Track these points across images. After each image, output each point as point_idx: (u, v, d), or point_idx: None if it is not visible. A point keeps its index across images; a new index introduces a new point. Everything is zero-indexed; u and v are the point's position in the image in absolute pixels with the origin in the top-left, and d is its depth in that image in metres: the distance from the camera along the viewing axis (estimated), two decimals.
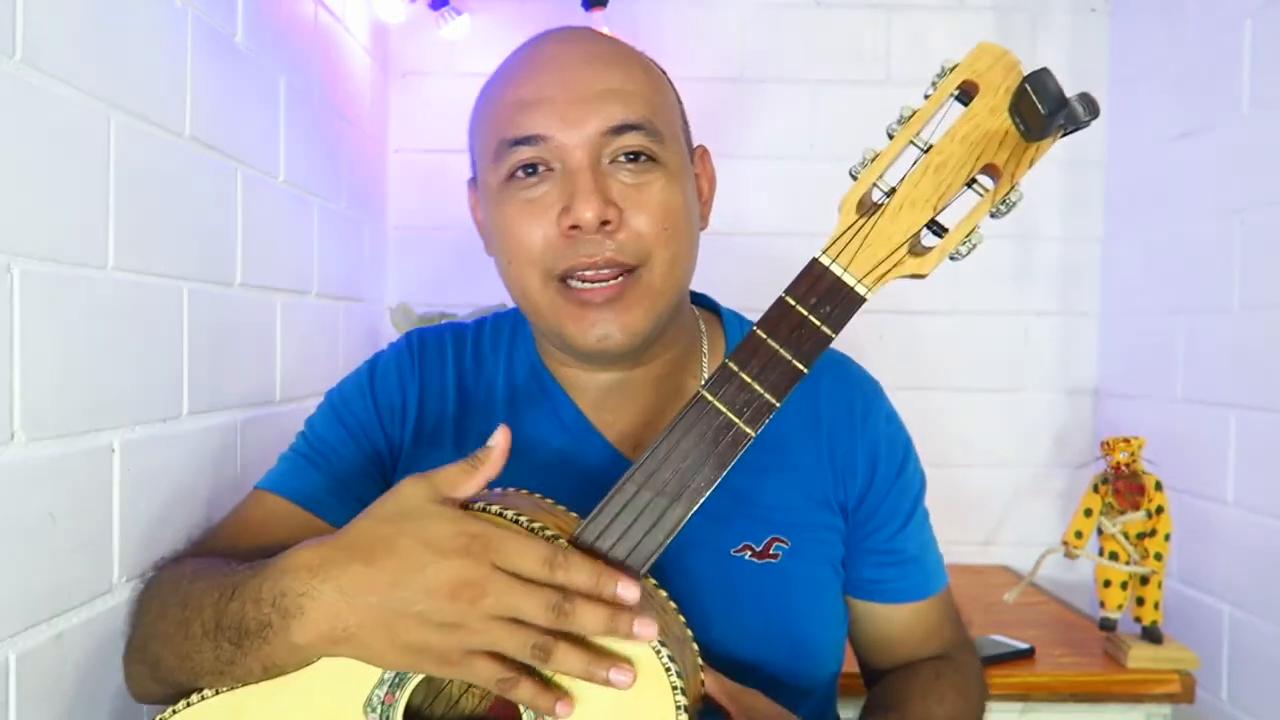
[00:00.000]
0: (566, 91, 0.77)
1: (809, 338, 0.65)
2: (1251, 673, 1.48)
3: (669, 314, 0.82)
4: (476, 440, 0.87)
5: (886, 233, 0.65)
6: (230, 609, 0.65)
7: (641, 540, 0.64)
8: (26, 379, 0.75)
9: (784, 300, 0.66)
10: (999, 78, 0.64)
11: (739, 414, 0.65)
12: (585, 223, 0.75)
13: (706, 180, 0.89)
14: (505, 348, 0.92)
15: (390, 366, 0.91)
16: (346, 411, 0.90)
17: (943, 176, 0.65)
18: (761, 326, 0.65)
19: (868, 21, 1.91)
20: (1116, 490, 1.38)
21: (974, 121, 0.64)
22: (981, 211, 0.65)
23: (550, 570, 0.59)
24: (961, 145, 0.64)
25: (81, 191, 0.83)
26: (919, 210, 0.65)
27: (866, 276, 0.65)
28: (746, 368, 0.65)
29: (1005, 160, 0.64)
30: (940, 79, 0.65)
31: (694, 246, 0.84)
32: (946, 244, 0.66)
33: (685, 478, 0.64)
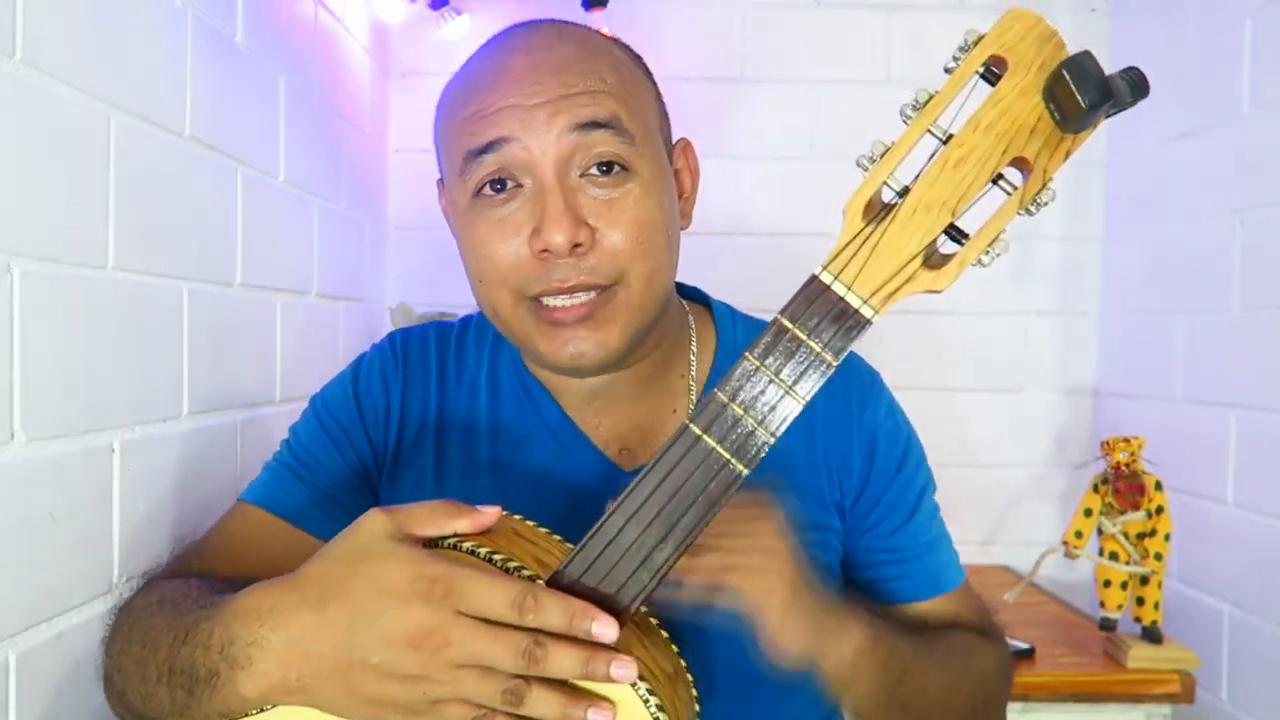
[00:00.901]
0: (530, 97, 0.74)
1: (807, 366, 0.58)
2: (1251, 673, 1.48)
3: (648, 325, 0.80)
4: (459, 441, 0.86)
5: (897, 242, 0.57)
6: (182, 654, 0.62)
7: (628, 580, 0.59)
8: (26, 379, 0.75)
9: (779, 322, 0.58)
10: (1031, 52, 0.55)
11: (730, 449, 0.58)
12: (556, 247, 0.72)
13: (689, 174, 0.86)
14: (489, 347, 0.90)
15: (374, 369, 0.89)
16: (330, 419, 0.87)
17: (964, 173, 0.56)
18: (754, 352, 0.58)
19: (868, 21, 1.91)
20: (1116, 490, 1.38)
21: (1001, 106, 0.55)
22: (1009, 213, 0.57)
23: (519, 613, 0.55)
24: (987, 135, 0.56)
25: (81, 191, 0.83)
26: (936, 214, 0.57)
27: (874, 296, 0.58)
28: (737, 399, 0.58)
29: (1037, 152, 0.56)
30: (963, 53, 0.56)
31: (673, 255, 0.81)
32: (967, 253, 0.58)
33: (672, 516, 0.59)
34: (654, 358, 0.86)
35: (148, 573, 0.79)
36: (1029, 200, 0.57)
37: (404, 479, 0.86)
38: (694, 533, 0.59)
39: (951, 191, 0.57)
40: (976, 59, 0.56)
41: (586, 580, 0.59)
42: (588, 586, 0.59)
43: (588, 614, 0.56)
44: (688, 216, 0.86)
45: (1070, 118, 0.53)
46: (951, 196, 0.57)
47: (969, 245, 0.58)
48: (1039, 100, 0.55)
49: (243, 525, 0.84)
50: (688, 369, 0.88)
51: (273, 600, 0.59)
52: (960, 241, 0.58)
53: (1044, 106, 0.55)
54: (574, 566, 0.59)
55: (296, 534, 0.83)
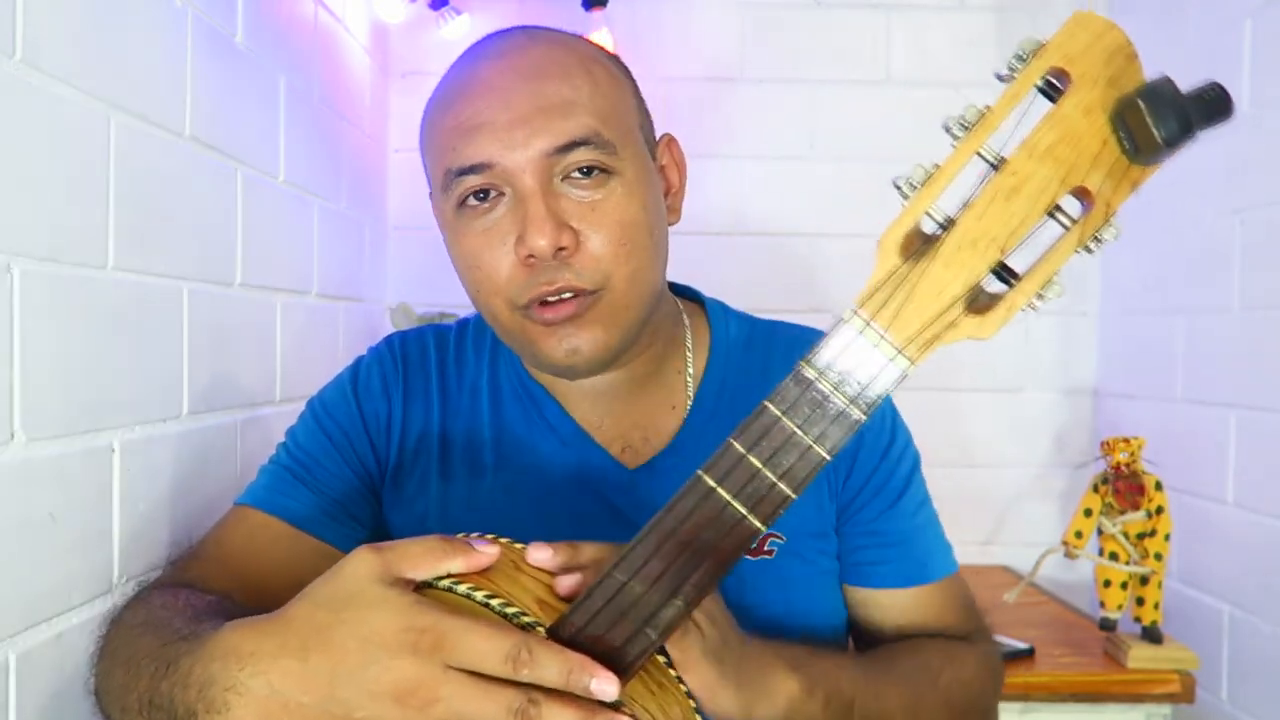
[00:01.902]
0: (506, 113, 0.74)
1: (834, 420, 0.52)
2: (1251, 673, 1.48)
3: (638, 324, 0.80)
4: (462, 445, 0.86)
5: (940, 282, 0.50)
6: (161, 688, 0.59)
7: (634, 636, 0.55)
8: (26, 379, 0.75)
9: (802, 373, 0.53)
10: (1098, 64, 0.48)
11: (747, 504, 0.54)
12: (539, 251, 0.73)
13: (675, 170, 0.86)
14: (488, 351, 0.90)
15: (373, 373, 0.89)
16: (330, 421, 0.87)
17: (1017, 205, 0.49)
18: (775, 402, 0.53)
19: (868, 21, 1.91)
20: (1116, 490, 1.38)
21: (1063, 128, 0.48)
22: (1066, 251, 0.50)
23: (513, 667, 0.51)
24: (1044, 162, 0.49)
25: (81, 191, 0.83)
26: (983, 250, 0.50)
27: (911, 345, 0.51)
28: (756, 449, 0.53)
29: (1100, 182, 0.49)
30: (1020, 63, 0.48)
31: (659, 253, 0.81)
32: (1017, 297, 0.50)
33: (682, 572, 0.54)
34: (649, 355, 0.86)
35: (142, 582, 0.78)
36: (1090, 236, 0.50)
37: (408, 485, 0.86)
38: (705, 590, 0.55)
39: (1003, 225, 0.49)
40: (1036, 71, 0.48)
41: (590, 632, 0.55)
42: (590, 638, 0.55)
43: (586, 669, 0.52)
44: (676, 212, 0.86)
45: (1143, 150, 0.48)
46: (1002, 231, 0.50)
47: (1019, 288, 0.51)
48: (1106, 122, 0.48)
49: (242, 529, 0.83)
50: (684, 365, 0.88)
51: (254, 643, 0.56)
52: (1009, 282, 0.51)
53: (1111, 130, 0.48)
54: (577, 617, 0.55)
55: (299, 537, 0.82)
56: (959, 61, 1.91)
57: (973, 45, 1.91)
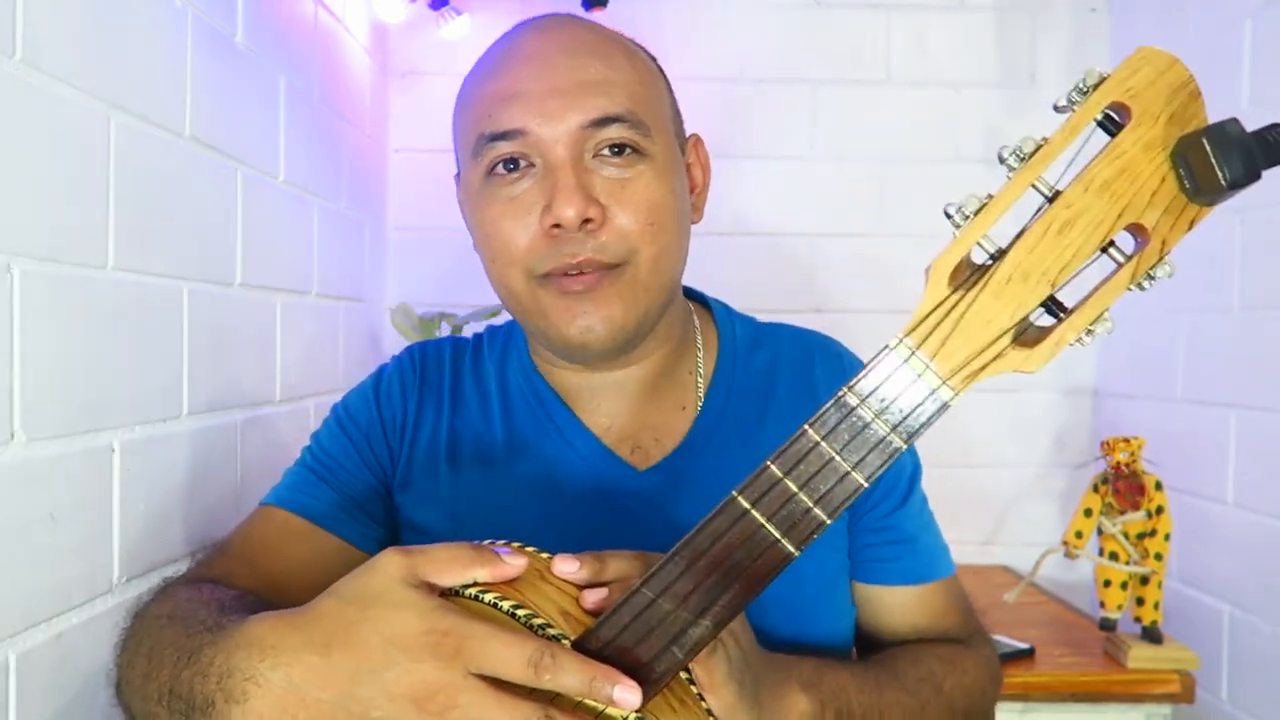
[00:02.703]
0: (545, 84, 0.75)
1: (873, 447, 0.52)
2: (1251, 673, 1.48)
3: (657, 310, 0.80)
4: (472, 449, 0.87)
5: (988, 314, 0.50)
6: (183, 677, 0.60)
7: (660, 654, 0.54)
8: (26, 379, 0.75)
9: (844, 399, 0.52)
10: (1160, 101, 0.47)
11: (781, 528, 0.53)
12: (567, 221, 0.73)
13: (700, 170, 0.87)
14: (499, 354, 0.91)
15: (394, 380, 0.91)
16: (352, 426, 0.89)
17: (1070, 239, 0.48)
18: (815, 426, 0.53)
19: (868, 21, 1.91)
20: (1116, 490, 1.38)
21: (1121, 163, 0.48)
22: (1118, 289, 0.49)
23: (535, 672, 0.51)
24: (1100, 196, 0.48)
25: (81, 191, 0.83)
26: (1034, 284, 0.49)
27: (955, 375, 0.51)
28: (792, 473, 0.53)
29: (1157, 219, 0.48)
30: (1081, 95, 0.48)
31: (683, 241, 0.81)
32: (1065, 331, 0.50)
33: (712, 593, 0.54)
34: (663, 353, 0.86)
35: (166, 578, 0.78)
36: (1143, 274, 0.49)
37: (418, 486, 0.87)
38: (735, 611, 0.55)
39: (1054, 259, 0.49)
40: (1096, 104, 0.48)
41: (616, 646, 0.55)
42: (616, 652, 0.54)
43: (609, 678, 0.52)
44: (699, 211, 0.87)
45: (1204, 191, 0.47)
46: (1054, 265, 0.49)
47: (1068, 323, 0.50)
48: (1165, 159, 0.48)
49: (266, 527, 0.84)
50: (695, 366, 0.88)
51: (277, 636, 0.56)
52: (1058, 316, 0.50)
53: (1170, 167, 0.48)
54: (603, 631, 0.55)
55: (323, 535, 0.83)
56: (959, 61, 1.91)
57: (973, 45, 1.91)
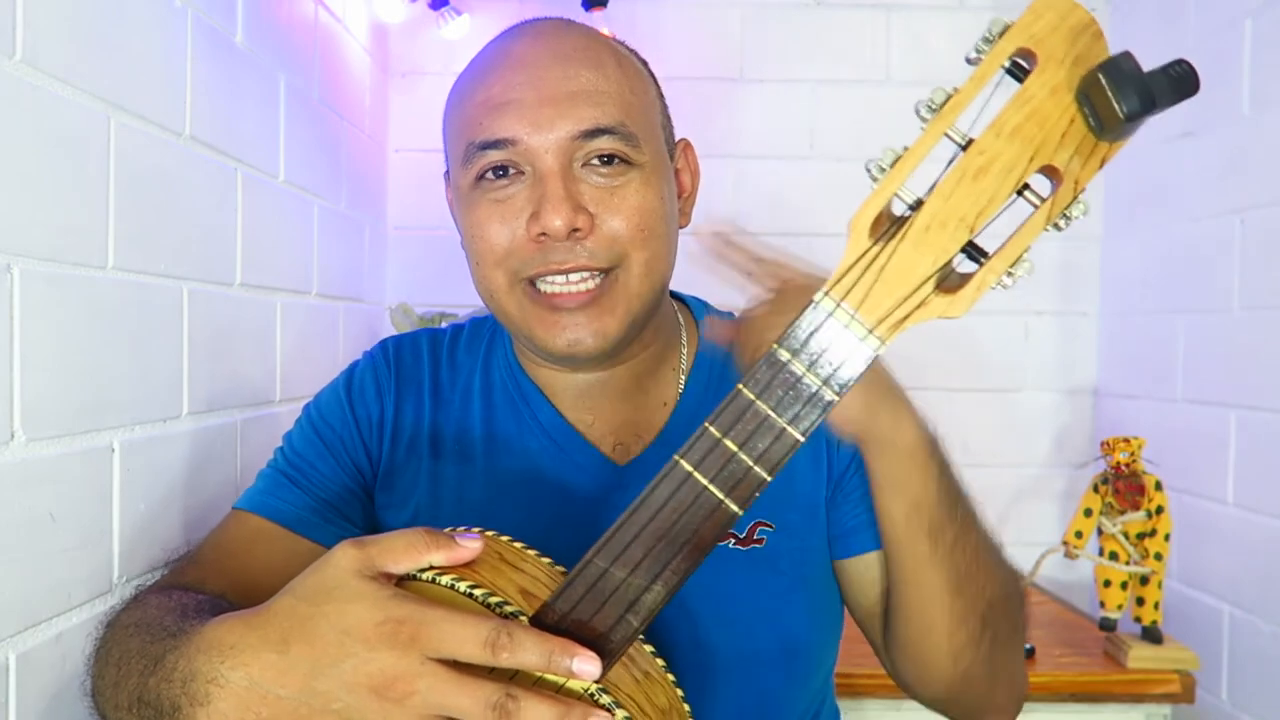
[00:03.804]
0: (535, 92, 0.75)
1: (808, 401, 0.52)
2: (1251, 673, 1.48)
3: (644, 316, 0.80)
4: (453, 445, 0.86)
5: (909, 263, 0.51)
6: (149, 684, 0.60)
7: (616, 623, 0.55)
8: (26, 379, 0.75)
9: (775, 353, 0.53)
10: (1064, 45, 0.48)
11: (724, 488, 0.54)
12: (554, 231, 0.73)
13: (689, 174, 0.87)
14: (482, 351, 0.91)
15: (367, 377, 0.90)
16: (324, 426, 0.88)
17: (985, 184, 0.49)
18: (749, 386, 0.53)
19: (868, 21, 1.91)
20: (1116, 490, 1.38)
21: (1029, 108, 0.49)
22: (1035, 229, 0.50)
23: (493, 651, 0.51)
24: (1012, 141, 0.49)
25: (81, 191, 0.83)
26: (952, 230, 0.50)
27: (880, 325, 0.52)
28: (730, 433, 0.53)
29: (1068, 160, 0.49)
30: (987, 45, 0.49)
31: (671, 246, 0.82)
32: (986, 275, 0.51)
33: (661, 557, 0.54)
34: (648, 354, 0.86)
35: (141, 582, 0.78)
36: (1058, 214, 0.50)
37: (399, 484, 0.86)
38: (686, 574, 0.55)
39: (971, 205, 0.50)
40: (1003, 51, 0.49)
41: (572, 619, 0.55)
42: (573, 624, 0.55)
43: (568, 651, 0.52)
44: (687, 215, 0.87)
45: (1107, 126, 0.48)
46: (970, 211, 0.50)
47: (988, 266, 0.51)
48: (1072, 100, 0.48)
49: (239, 533, 0.84)
50: (679, 364, 0.89)
51: (236, 636, 0.56)
52: (979, 261, 0.51)
53: (1077, 108, 0.48)
54: (559, 604, 0.56)
55: (295, 540, 0.82)
56: (959, 61, 1.90)
57: (973, 45, 1.91)
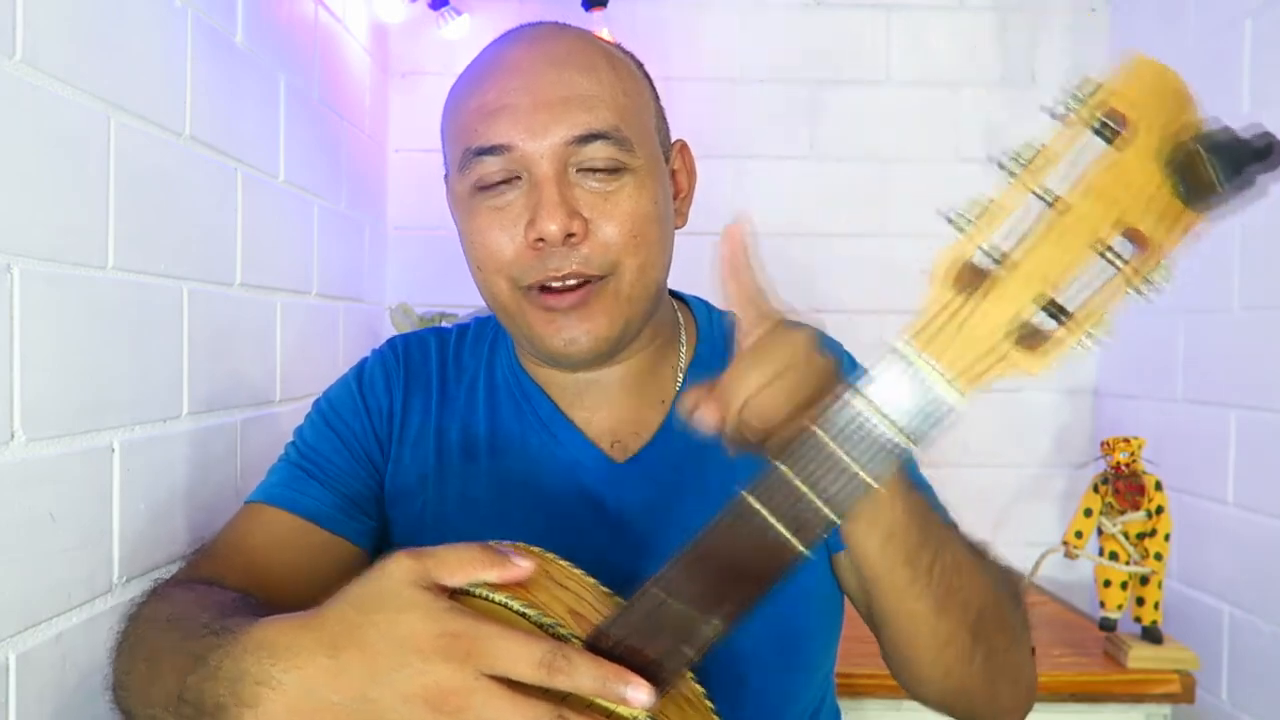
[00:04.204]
0: (530, 97, 0.76)
1: (882, 447, 0.52)
2: (1251, 673, 1.48)
3: (640, 319, 0.81)
4: (458, 441, 0.87)
5: (991, 317, 0.51)
6: (189, 682, 0.59)
7: (669, 652, 0.55)
8: (26, 379, 0.75)
9: (852, 397, 0.53)
10: (1156, 111, 0.48)
11: (790, 527, 0.53)
12: (550, 236, 0.75)
13: (685, 175, 0.88)
14: (486, 350, 0.92)
15: (377, 371, 0.91)
16: (337, 419, 0.88)
17: (1070, 242, 0.49)
18: (823, 426, 0.53)
19: (868, 21, 1.91)
20: (1116, 490, 1.38)
21: (1118, 170, 0.49)
22: (1117, 293, 0.51)
23: (548, 672, 0.52)
24: (1099, 202, 0.49)
25: (81, 191, 0.83)
26: (1035, 286, 0.50)
27: (960, 376, 0.52)
28: (801, 473, 0.53)
29: (1153, 226, 0.49)
30: (1077, 103, 0.49)
31: (666, 249, 0.83)
32: (1067, 335, 0.51)
33: (721, 591, 0.55)
34: (647, 353, 0.87)
35: (157, 580, 0.78)
36: (1141, 279, 0.51)
37: (407, 480, 0.87)
38: (745, 610, 0.55)
39: (1054, 263, 0.50)
40: (1093, 111, 0.48)
41: (625, 645, 0.55)
42: (626, 651, 0.55)
43: (622, 677, 0.53)
44: (683, 216, 0.89)
45: (1197, 197, 0.48)
46: (1053, 269, 0.50)
47: (1069, 326, 0.51)
48: (1161, 166, 0.48)
49: (254, 525, 0.83)
50: (677, 362, 0.89)
51: (288, 638, 0.56)
52: (1059, 319, 0.51)
53: (1166, 175, 0.48)
54: (614, 630, 0.56)
55: (314, 531, 0.83)
56: (959, 61, 1.91)
57: (973, 45, 1.91)
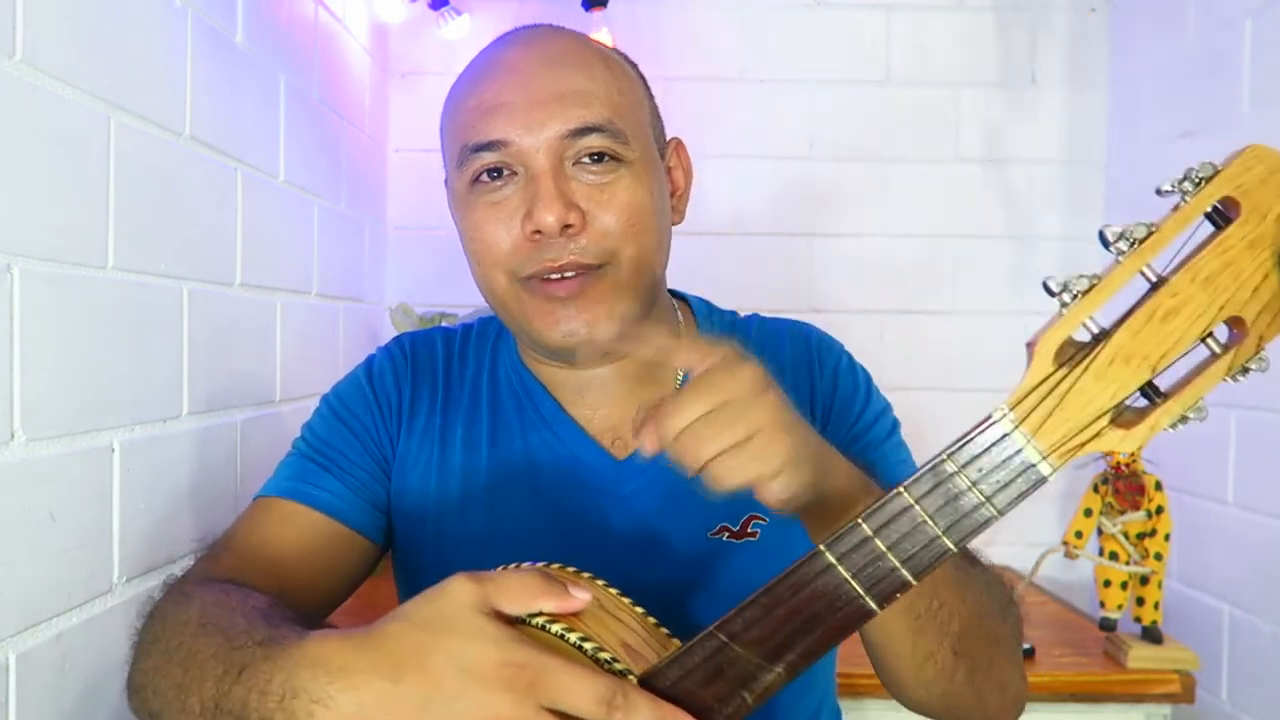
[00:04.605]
0: (526, 95, 0.77)
1: (967, 514, 0.53)
2: (1251, 673, 1.48)
3: (639, 310, 0.81)
4: (462, 438, 0.87)
5: (1089, 394, 0.52)
6: (233, 693, 0.58)
7: (728, 697, 0.56)
8: (26, 379, 0.75)
9: (943, 462, 0.53)
10: (1270, 200, 0.49)
11: (864, 585, 0.54)
12: (547, 227, 0.75)
13: (681, 172, 0.89)
14: (489, 349, 0.93)
15: (385, 366, 0.92)
16: (346, 412, 0.89)
17: (1173, 327, 0.50)
18: (910, 489, 0.54)
19: (868, 21, 1.91)
20: (1116, 490, 1.38)
21: (1226, 257, 0.49)
22: (1214, 379, 0.51)
23: (608, 710, 0.52)
24: (1204, 288, 0.50)
25: (81, 191, 0.83)
26: (1135, 368, 0.51)
27: (1055, 451, 0.53)
28: (881, 533, 0.54)
29: (1256, 315, 0.50)
30: (1192, 189, 0.50)
31: (664, 241, 0.83)
32: (1162, 417, 0.52)
33: (787, 642, 0.55)
34: None
35: (170, 576, 0.77)
36: (1239, 366, 0.51)
37: (411, 473, 0.87)
38: (810, 660, 0.56)
39: (1156, 345, 0.51)
40: (1208, 198, 0.49)
41: (683, 686, 0.56)
42: (684, 693, 0.56)
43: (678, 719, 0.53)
44: (680, 213, 0.89)
45: None
46: (1155, 351, 0.51)
47: (1164, 408, 0.52)
48: (1270, 256, 0.49)
49: (268, 519, 0.83)
50: None
51: (344, 658, 0.55)
52: (1152, 399, 0.52)
53: (1274, 265, 0.49)
54: (672, 670, 0.56)
55: (329, 524, 0.83)
56: (959, 61, 1.91)
57: (973, 45, 1.91)
